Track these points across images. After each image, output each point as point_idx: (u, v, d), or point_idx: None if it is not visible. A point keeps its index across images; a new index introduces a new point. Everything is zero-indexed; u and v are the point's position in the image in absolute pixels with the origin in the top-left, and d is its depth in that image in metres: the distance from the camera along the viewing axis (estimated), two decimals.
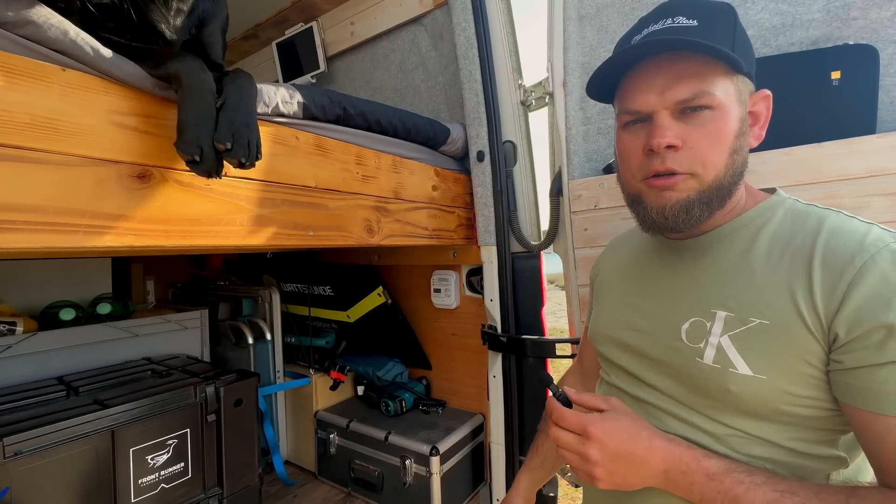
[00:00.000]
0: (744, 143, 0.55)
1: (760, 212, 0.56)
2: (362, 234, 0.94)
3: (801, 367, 0.47)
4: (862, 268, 0.45)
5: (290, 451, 1.64)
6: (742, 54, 0.52)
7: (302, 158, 0.82)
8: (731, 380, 0.50)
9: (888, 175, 0.84)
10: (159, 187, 0.61)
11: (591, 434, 0.50)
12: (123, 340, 1.26)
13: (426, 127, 1.17)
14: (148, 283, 1.90)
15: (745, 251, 0.54)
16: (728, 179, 0.54)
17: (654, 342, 0.59)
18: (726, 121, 0.52)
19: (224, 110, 0.60)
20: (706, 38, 0.51)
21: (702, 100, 0.52)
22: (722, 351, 0.51)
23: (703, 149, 0.53)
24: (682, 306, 0.57)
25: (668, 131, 0.53)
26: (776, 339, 0.48)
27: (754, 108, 0.55)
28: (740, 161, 0.55)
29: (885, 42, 0.89)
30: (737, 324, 0.51)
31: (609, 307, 0.70)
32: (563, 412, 0.54)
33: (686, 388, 0.55)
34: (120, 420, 0.83)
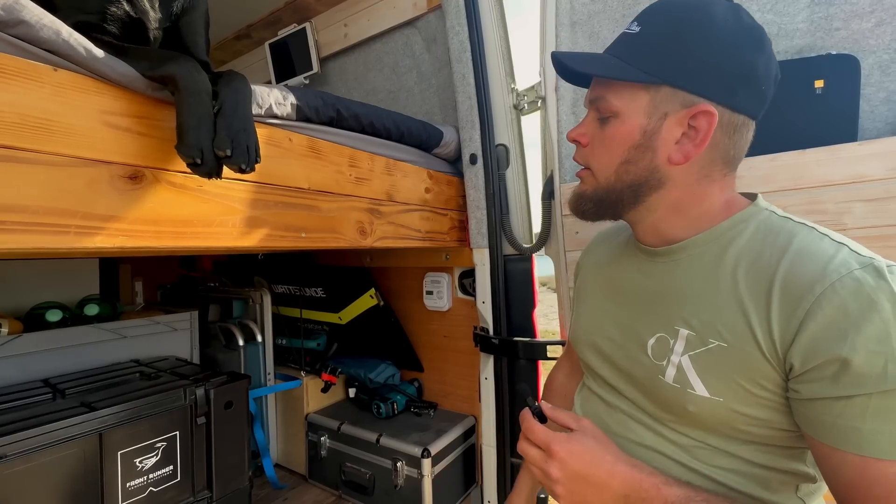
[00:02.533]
0: (640, 157, 0.54)
1: (733, 224, 0.54)
2: (355, 236, 0.94)
3: (756, 390, 0.47)
4: (820, 296, 0.43)
5: (281, 453, 1.63)
6: (683, 68, 0.51)
7: (295, 160, 0.82)
8: (690, 400, 0.51)
9: (869, 181, 0.86)
10: (151, 188, 0.61)
11: (553, 453, 0.51)
12: (111, 342, 1.24)
13: (419, 130, 1.17)
14: (136, 285, 1.88)
15: (714, 266, 0.53)
16: (620, 187, 0.56)
17: (624, 354, 0.60)
18: (621, 129, 0.55)
19: (221, 115, 0.60)
20: (634, 47, 0.54)
21: (600, 104, 0.57)
22: (682, 371, 0.51)
23: (596, 150, 0.58)
24: (649, 319, 0.57)
25: (580, 127, 0.60)
26: (732, 362, 0.48)
27: (695, 123, 0.52)
28: (636, 173, 0.54)
29: (865, 52, 0.91)
30: (697, 344, 0.51)
31: (587, 310, 0.71)
32: (533, 426, 0.54)
33: (652, 402, 0.57)
34: (107, 423, 0.82)
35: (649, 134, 0.53)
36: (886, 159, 0.85)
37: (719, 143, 0.53)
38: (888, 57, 0.91)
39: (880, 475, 0.40)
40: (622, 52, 0.55)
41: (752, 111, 0.54)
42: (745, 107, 0.53)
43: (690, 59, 0.51)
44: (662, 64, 0.52)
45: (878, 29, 0.91)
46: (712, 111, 0.51)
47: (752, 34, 0.52)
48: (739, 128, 0.53)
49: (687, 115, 0.52)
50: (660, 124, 0.53)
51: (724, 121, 0.52)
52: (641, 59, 0.53)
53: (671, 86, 0.52)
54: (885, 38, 0.90)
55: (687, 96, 0.52)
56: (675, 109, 0.52)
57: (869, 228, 0.86)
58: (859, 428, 0.41)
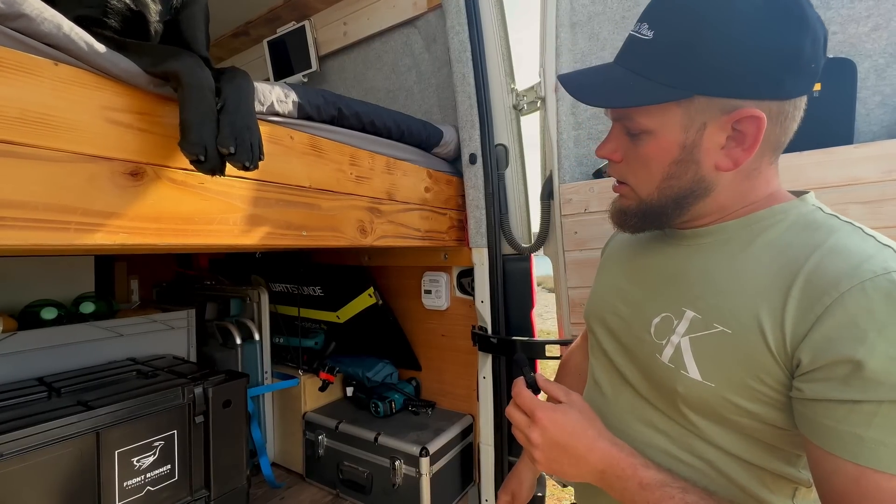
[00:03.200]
0: (683, 170, 0.50)
1: (770, 213, 0.51)
2: (355, 235, 0.94)
3: (754, 383, 0.46)
4: (846, 293, 0.40)
5: (278, 452, 1.62)
6: (713, 72, 0.45)
7: (296, 158, 0.82)
8: (680, 381, 0.50)
9: (864, 184, 0.87)
10: (152, 185, 0.60)
11: (537, 419, 0.52)
12: (107, 340, 1.23)
13: (419, 129, 1.17)
14: (132, 282, 1.86)
15: (739, 252, 0.51)
16: (665, 202, 0.54)
17: (629, 331, 0.60)
18: (657, 147, 0.51)
19: (224, 112, 0.60)
20: (652, 57, 0.49)
21: (627, 122, 0.53)
22: (679, 352, 0.51)
23: (635, 168, 0.55)
24: (659, 299, 0.57)
25: (609, 143, 0.56)
26: (733, 350, 0.47)
27: (740, 128, 0.47)
28: (680, 187, 0.52)
29: (861, 56, 0.92)
30: (700, 326, 0.50)
31: (602, 287, 0.70)
32: (521, 391, 0.56)
33: (646, 382, 0.57)
34: (105, 422, 0.81)
35: (689, 148, 0.49)
36: (881, 162, 0.86)
37: (770, 134, 0.48)
38: (884, 61, 0.92)
39: (874, 488, 0.38)
40: (639, 66, 0.50)
41: (803, 91, 0.48)
42: (795, 92, 0.47)
43: (719, 59, 0.45)
44: (688, 72, 0.46)
45: (874, 33, 0.92)
46: (758, 114, 0.45)
47: (789, 10, 0.45)
48: (791, 112, 0.48)
49: (729, 121, 0.47)
50: (699, 135, 0.48)
51: (772, 113, 0.46)
52: (664, 71, 0.47)
53: (704, 94, 0.46)
54: (881, 42, 0.91)
55: (725, 102, 0.46)
56: (715, 117, 0.47)
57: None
58: (861, 436, 0.39)
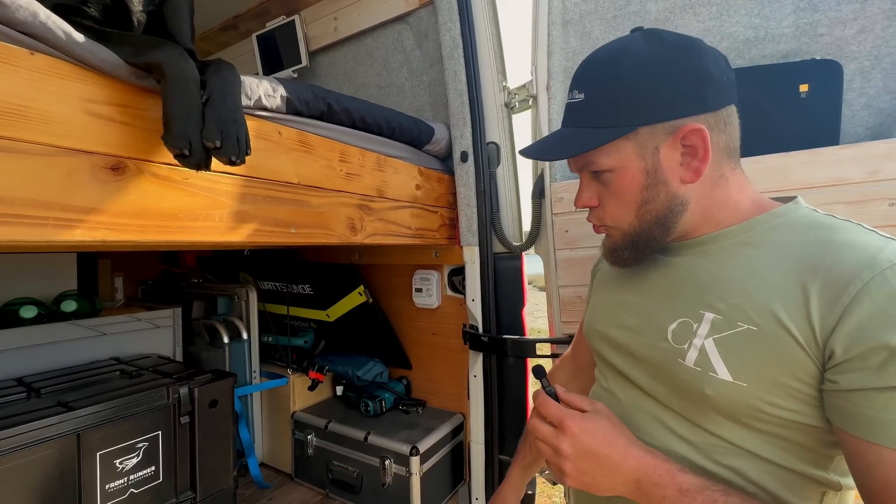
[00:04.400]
0: (655, 193, 0.55)
1: (770, 217, 0.53)
2: (345, 233, 0.93)
3: (787, 380, 0.45)
4: (870, 282, 0.41)
5: (266, 452, 1.60)
6: (645, 105, 0.52)
7: (285, 154, 0.81)
8: (709, 383, 0.48)
9: (849, 184, 0.89)
10: (134, 180, 0.58)
11: (566, 427, 0.51)
12: (90, 339, 1.20)
13: (411, 126, 1.16)
14: (116, 280, 1.82)
15: (746, 254, 0.52)
16: (648, 226, 0.57)
17: (642, 341, 0.59)
18: (624, 180, 0.56)
19: (210, 105, 0.58)
20: (591, 111, 0.56)
21: (592, 168, 0.58)
22: (704, 353, 0.50)
23: (611, 207, 0.59)
24: (672, 306, 0.56)
25: (584, 193, 0.61)
26: (763, 347, 0.46)
27: (688, 142, 0.53)
28: (658, 209, 0.56)
29: (848, 59, 0.94)
30: (724, 327, 0.49)
31: (602, 303, 0.70)
32: (547, 401, 0.54)
33: (667, 389, 0.55)
34: (86, 423, 0.79)
35: (653, 171, 0.55)
36: (865, 163, 0.88)
37: (719, 142, 0.54)
38: (869, 63, 0.93)
39: None
40: (583, 121, 0.57)
41: (730, 99, 0.55)
42: (721, 101, 0.54)
43: (646, 94, 0.53)
44: (626, 111, 0.53)
45: (860, 36, 0.93)
46: (698, 127, 0.52)
47: (683, 46, 0.53)
48: (728, 119, 0.54)
49: (676, 139, 0.53)
50: (656, 159, 0.54)
51: (711, 123, 0.53)
52: (605, 117, 0.55)
53: (645, 125, 0.53)
54: (867, 44, 0.93)
55: (666, 125, 0.53)
56: (663, 139, 0.54)
57: None
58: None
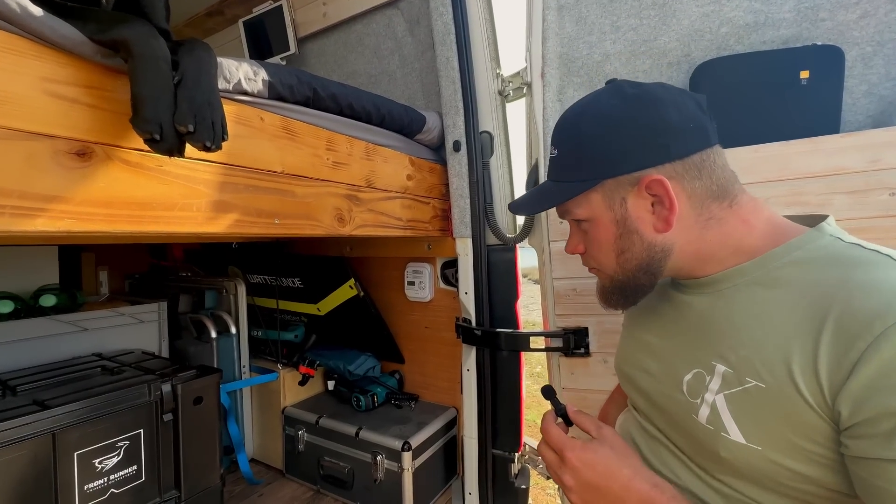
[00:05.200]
0: (629, 242, 0.55)
1: (787, 250, 0.48)
2: (333, 224, 0.90)
3: (803, 442, 0.41)
4: (881, 336, 0.36)
5: (257, 448, 1.58)
6: (607, 159, 0.54)
7: (267, 141, 0.77)
8: (723, 445, 0.46)
9: (849, 174, 0.87)
10: (102, 167, 0.55)
11: (566, 459, 0.50)
12: (70, 335, 1.16)
13: (401, 114, 1.13)
14: (101, 274, 1.78)
15: (760, 296, 0.48)
16: (631, 274, 0.57)
17: (660, 389, 0.57)
18: (599, 230, 0.58)
19: (183, 87, 0.55)
20: (562, 167, 0.59)
21: (570, 217, 0.61)
22: (716, 411, 0.47)
23: (594, 253, 0.61)
24: (687, 353, 0.54)
25: (571, 239, 0.64)
26: (772, 406, 0.42)
27: (653, 192, 0.52)
28: (636, 257, 0.55)
29: (849, 44, 0.91)
30: (734, 382, 0.46)
31: (627, 340, 0.69)
32: (549, 429, 0.54)
33: (686, 442, 0.53)
34: (62, 422, 0.76)
35: (622, 221, 0.55)
36: (867, 152, 0.86)
37: (694, 188, 0.52)
38: (871, 49, 0.91)
39: None
40: (557, 175, 0.61)
41: (700, 146, 0.52)
42: (687, 149, 0.52)
43: (606, 149, 0.54)
44: (591, 166, 0.55)
45: (862, 21, 0.91)
46: (657, 177, 0.52)
47: (640, 100, 0.54)
48: (702, 164, 0.52)
49: (641, 189, 0.53)
50: (624, 209, 0.55)
51: (679, 171, 0.52)
52: (573, 172, 0.57)
53: (609, 178, 0.54)
54: (869, 30, 0.90)
55: (629, 177, 0.54)
56: (628, 190, 0.54)
57: (848, 220, 0.87)
58: None
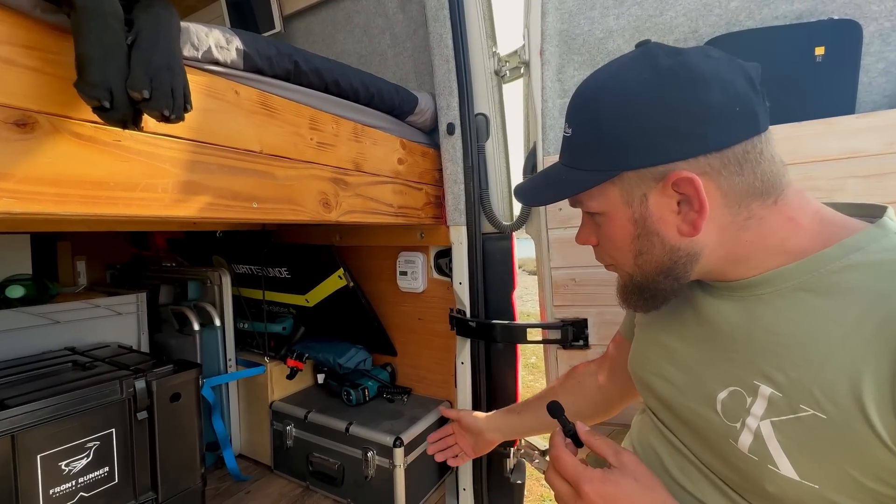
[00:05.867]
0: (648, 244, 0.48)
1: (843, 252, 0.41)
2: (317, 209, 0.84)
3: (871, 483, 0.36)
4: None
5: (244, 444, 1.53)
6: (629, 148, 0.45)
7: (243, 118, 0.71)
8: (770, 479, 0.40)
9: (864, 157, 0.82)
10: (48, 140, 0.48)
11: (584, 493, 0.44)
12: (41, 328, 1.09)
13: (392, 93, 1.06)
14: (78, 264, 1.70)
15: (809, 305, 0.41)
16: (651, 277, 0.50)
17: (686, 403, 0.51)
18: (613, 227, 0.51)
19: (137, 48, 0.48)
20: (575, 150, 0.51)
21: (582, 208, 0.54)
22: (761, 440, 0.41)
23: (607, 248, 0.55)
24: (720, 367, 0.48)
25: (583, 230, 0.58)
26: (835, 440, 0.37)
27: (682, 191, 0.44)
28: (656, 260, 0.48)
29: (867, 19, 0.86)
30: (783, 408, 0.40)
31: (643, 341, 0.62)
32: (562, 458, 0.47)
33: (723, 467, 0.47)
34: (23, 423, 0.70)
35: (641, 221, 0.48)
36: (883, 133, 0.81)
37: (732, 185, 0.44)
38: (889, 25, 0.86)
39: None
40: (570, 159, 0.52)
41: (744, 135, 0.43)
42: (729, 139, 0.43)
43: (628, 135, 0.45)
44: (609, 153, 0.47)
45: None
46: (687, 175, 0.43)
47: (677, 75, 0.43)
48: (745, 157, 0.43)
49: (666, 186, 0.45)
50: (645, 207, 0.47)
51: (715, 167, 0.43)
52: (587, 159, 0.49)
53: (629, 170, 0.47)
54: (888, 3, 0.85)
55: (654, 170, 0.45)
56: (651, 186, 0.46)
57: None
58: None
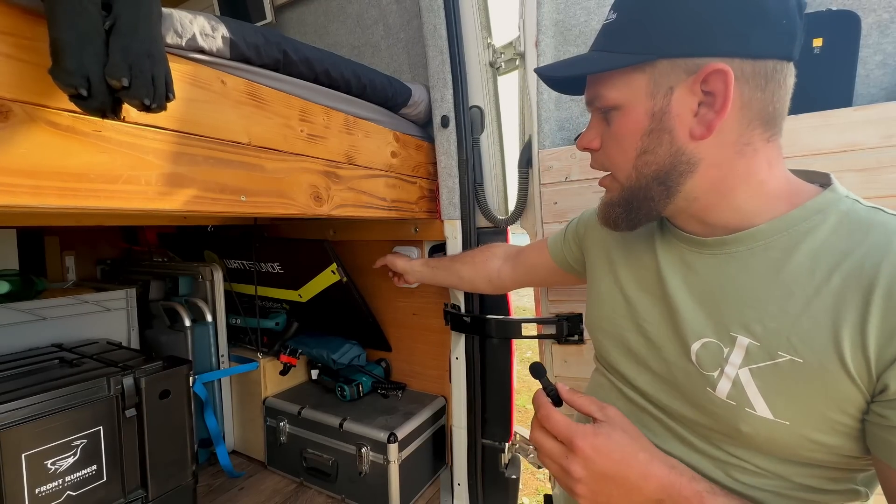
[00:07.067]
0: (656, 142, 0.47)
1: (807, 214, 0.45)
2: (308, 203, 0.82)
3: (834, 414, 0.40)
4: None
5: (237, 440, 1.52)
6: (671, 33, 0.44)
7: (230, 108, 0.69)
8: (746, 420, 0.44)
9: (861, 150, 0.81)
10: (23, 129, 0.46)
11: (577, 448, 0.44)
12: (27, 324, 1.07)
13: (384, 85, 1.04)
14: (67, 259, 1.67)
15: (782, 263, 0.44)
16: (645, 181, 0.49)
17: (659, 356, 0.52)
18: (627, 121, 0.49)
19: (116, 34, 0.46)
20: (615, 34, 0.49)
21: (598, 103, 0.51)
22: (739, 386, 0.44)
23: (609, 151, 0.53)
24: (695, 320, 0.49)
25: (588, 132, 0.55)
26: (809, 381, 0.41)
27: (708, 88, 0.44)
28: (657, 162, 0.48)
29: (865, 10, 0.85)
30: (761, 356, 0.43)
31: (607, 296, 0.62)
32: (551, 414, 0.47)
33: (692, 413, 0.49)
34: (6, 421, 0.68)
35: (658, 115, 0.47)
36: (880, 126, 0.80)
37: (751, 99, 0.44)
38: (888, 16, 0.85)
39: None
40: (605, 44, 0.50)
41: (781, 52, 0.44)
42: (768, 49, 0.43)
43: (675, 19, 0.44)
44: (649, 37, 0.45)
45: None
46: (722, 68, 0.43)
47: None
48: (772, 75, 0.44)
49: (696, 81, 0.44)
50: (667, 101, 0.46)
51: (746, 73, 0.43)
52: (625, 42, 0.47)
53: (666, 57, 0.45)
54: None
55: (689, 62, 0.44)
56: (681, 79, 0.45)
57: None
58: None
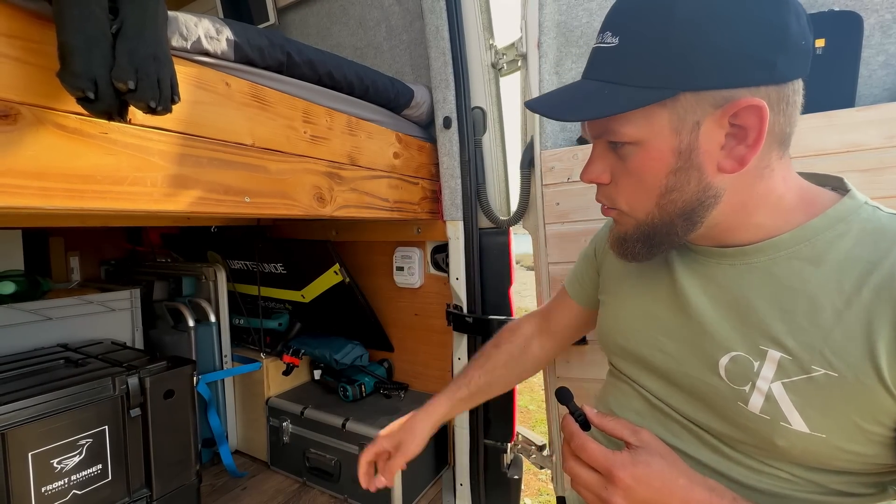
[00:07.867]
0: (685, 180, 0.44)
1: (829, 223, 0.43)
2: (311, 204, 0.82)
3: (870, 426, 0.40)
4: None
5: (240, 440, 1.53)
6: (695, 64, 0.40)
7: (235, 110, 0.69)
8: (781, 434, 0.43)
9: (864, 150, 0.81)
10: (31, 132, 0.47)
11: (617, 479, 0.42)
12: (32, 325, 1.08)
13: (387, 86, 1.05)
14: (71, 260, 1.68)
15: (808, 275, 0.43)
16: (669, 219, 0.47)
17: (684, 371, 0.51)
18: (649, 159, 0.45)
19: (122, 37, 0.47)
20: (623, 63, 0.44)
21: (610, 137, 0.47)
22: (773, 401, 0.43)
23: (626, 188, 0.49)
24: (720, 333, 0.48)
25: (595, 165, 0.51)
26: (845, 394, 0.40)
27: (739, 122, 0.42)
28: (685, 199, 0.45)
29: (868, 11, 0.85)
30: (794, 370, 0.42)
31: (625, 312, 0.60)
32: (586, 444, 0.45)
33: (722, 425, 0.49)
34: (13, 420, 0.69)
35: (686, 153, 0.43)
36: (883, 127, 0.80)
37: (774, 124, 0.42)
38: (891, 17, 0.84)
39: None
40: (610, 74, 0.45)
41: (801, 72, 0.43)
42: (793, 72, 0.41)
43: (699, 49, 0.40)
44: (666, 69, 0.41)
45: None
46: (758, 103, 0.40)
47: None
48: (792, 97, 0.42)
49: (725, 115, 0.42)
50: (695, 137, 0.43)
51: (772, 100, 0.41)
52: (639, 74, 0.42)
53: (690, 90, 0.41)
54: None
55: (716, 94, 0.41)
56: (708, 113, 0.42)
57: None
58: None
